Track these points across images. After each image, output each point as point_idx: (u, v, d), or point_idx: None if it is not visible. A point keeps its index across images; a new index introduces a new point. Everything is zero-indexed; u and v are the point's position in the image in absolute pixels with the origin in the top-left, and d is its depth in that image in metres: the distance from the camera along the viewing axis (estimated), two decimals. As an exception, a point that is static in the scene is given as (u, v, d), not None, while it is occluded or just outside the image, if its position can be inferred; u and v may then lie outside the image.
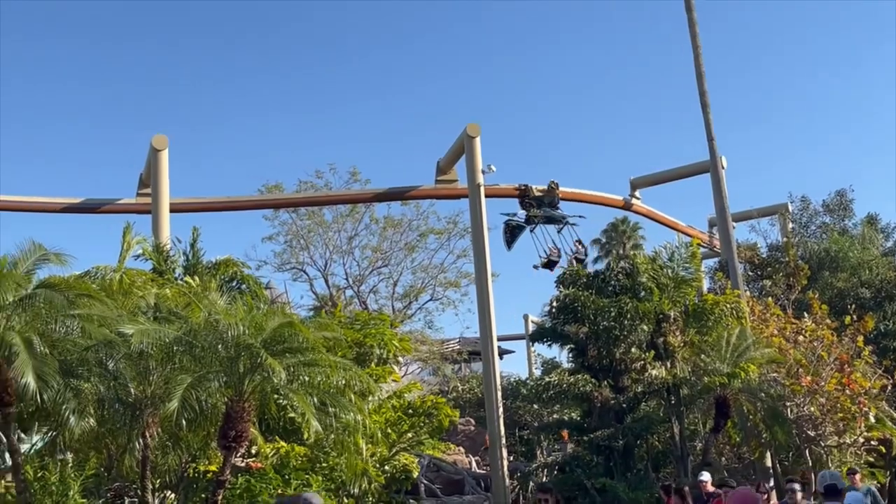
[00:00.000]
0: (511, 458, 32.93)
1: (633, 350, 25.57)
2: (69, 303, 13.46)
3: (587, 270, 28.96)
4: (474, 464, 37.63)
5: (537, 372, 46.37)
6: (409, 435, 19.52)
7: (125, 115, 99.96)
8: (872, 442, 24.13)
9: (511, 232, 35.87)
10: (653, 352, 25.16)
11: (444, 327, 68.92)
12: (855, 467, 18.48)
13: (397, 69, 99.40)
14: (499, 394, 29.78)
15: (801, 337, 25.89)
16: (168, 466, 14.92)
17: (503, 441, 29.61)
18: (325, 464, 15.87)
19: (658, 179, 40.32)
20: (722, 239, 33.05)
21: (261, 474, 14.51)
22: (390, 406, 19.43)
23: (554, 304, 27.42)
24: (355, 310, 38.56)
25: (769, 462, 25.71)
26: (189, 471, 16.32)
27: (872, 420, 23.97)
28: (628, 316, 24.93)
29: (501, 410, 29.68)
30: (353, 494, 15.40)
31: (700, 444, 26.00)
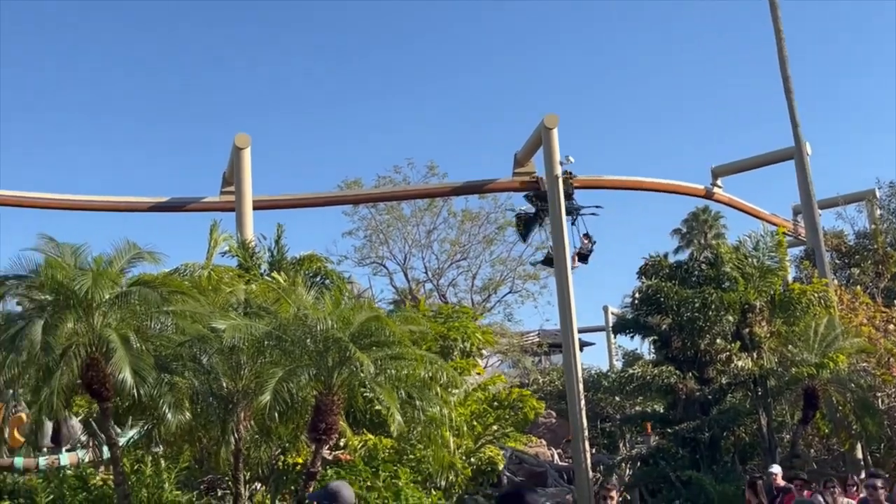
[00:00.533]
0: (594, 451, 32.77)
1: (718, 341, 25.27)
2: (162, 299, 13.80)
3: (668, 261, 28.65)
4: (556, 456, 37.55)
5: (618, 364, 46.03)
6: (495, 427, 19.58)
7: (209, 115, 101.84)
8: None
9: (525, 225, 35.99)
10: (738, 342, 24.83)
11: (524, 319, 68.89)
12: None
13: (473, 61, 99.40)
14: (580, 386, 29.65)
15: (892, 326, 25.31)
16: (259, 459, 15.20)
17: (585, 433, 29.49)
18: (413, 456, 16.00)
19: (740, 167, 39.61)
20: (808, 227, 32.40)
21: (350, 466, 14.70)
22: (475, 398, 19.52)
23: (636, 296, 27.23)
24: (435, 303, 38.75)
25: (860, 454, 25.17)
26: (279, 463, 16.60)
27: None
28: (713, 306, 24.63)
29: (583, 403, 29.56)
30: (441, 486, 15.51)
31: (788, 436, 25.59)
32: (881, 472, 12.95)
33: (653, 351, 29.89)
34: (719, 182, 39.18)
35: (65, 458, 18.00)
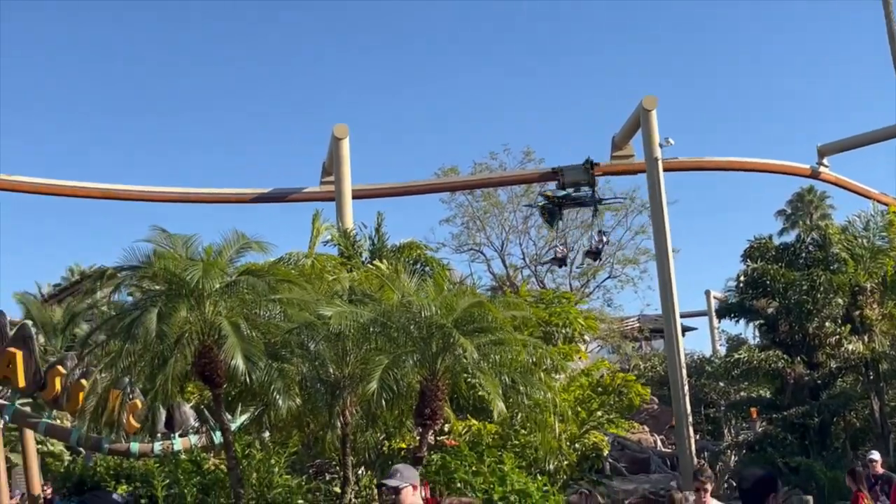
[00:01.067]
0: (697, 437, 32.32)
1: (827, 324, 24.66)
2: (270, 288, 14.07)
3: (774, 243, 28.02)
4: (659, 442, 37.16)
5: (722, 349, 45.23)
6: (599, 413, 19.47)
7: (308, 105, 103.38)
8: None
9: (549, 214, 35.77)
10: (848, 325, 24.18)
11: (624, 305, 68.00)
12: None
13: (568, 45, 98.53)
14: (683, 371, 29.30)
15: None
16: (366, 443, 15.41)
17: (689, 419, 29.13)
18: (517, 441, 16.03)
19: (847, 145, 38.39)
20: (920, 205, 31.28)
21: (455, 451, 14.80)
22: (579, 384, 19.44)
23: (741, 279, 26.77)
24: (533, 289, 38.68)
25: (981, 440, 24.30)
26: (384, 448, 16.81)
27: None
28: (821, 289, 24.03)
29: (687, 388, 29.18)
30: (546, 472, 15.51)
31: (902, 421, 24.85)
32: None
33: (758, 335, 29.36)
34: (825, 161, 38.06)
35: (178, 444, 18.55)
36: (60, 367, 18.09)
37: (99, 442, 18.32)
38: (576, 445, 18.62)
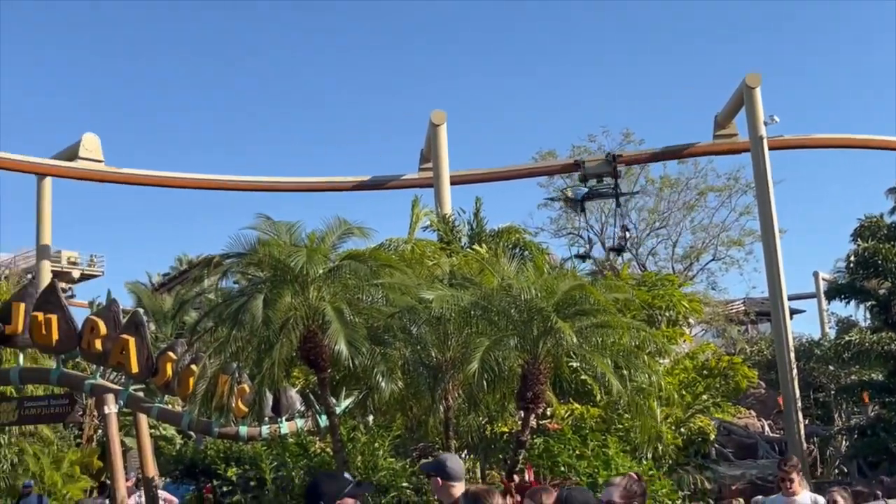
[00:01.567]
0: (806, 422, 31.57)
1: (944, 304, 23.76)
2: (372, 273, 14.22)
3: (886, 222, 27.07)
4: (767, 427, 36.45)
5: (831, 331, 44.02)
6: (705, 397, 19.13)
7: (405, 93, 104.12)
8: None
9: (572, 205, 35.53)
10: (965, 305, 23.26)
11: (728, 287, 66.67)
12: None
13: (669, 22, 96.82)
14: (791, 355, 28.65)
15: None
16: (468, 427, 15.45)
17: (798, 404, 28.47)
18: (620, 425, 15.88)
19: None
20: None
21: (558, 435, 14.74)
22: (683, 367, 19.12)
23: (851, 260, 26.00)
24: (634, 273, 38.25)
25: None
26: (486, 431, 16.84)
27: None
28: (937, 268, 23.14)
29: (795, 372, 28.51)
30: (650, 456, 15.33)
31: None
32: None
33: (869, 317, 28.53)
34: (943, 135, 36.59)
35: (285, 427, 18.93)
36: (171, 353, 18.62)
37: (209, 426, 18.82)
38: (681, 430, 18.35)
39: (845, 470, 29.62)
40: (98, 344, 18.26)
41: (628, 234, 36.56)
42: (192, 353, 17.96)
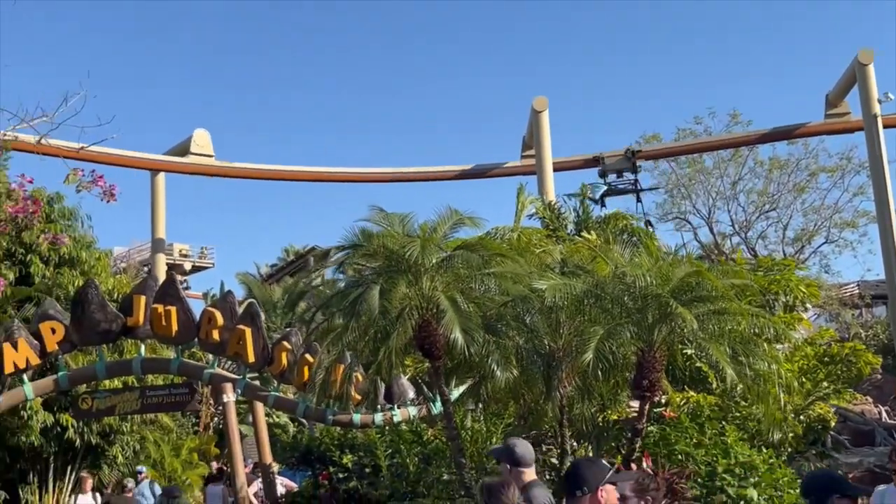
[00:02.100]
0: (927, 408, 30.50)
1: None
2: (484, 262, 14.30)
3: None
4: (884, 414, 35.31)
5: (952, 315, 42.38)
6: (825, 384, 18.64)
7: (505, 81, 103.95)
8: None
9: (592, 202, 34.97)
10: None
11: (842, 271, 64.85)
12: None
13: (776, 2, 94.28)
14: (912, 339, 27.66)
15: None
16: (582, 415, 15.38)
17: (918, 389, 27.50)
18: (738, 413, 15.59)
19: None
20: None
21: (674, 423, 14.54)
22: (802, 354, 18.67)
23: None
24: (744, 258, 37.51)
25: None
26: (599, 420, 16.74)
27: None
28: None
29: (916, 356, 27.55)
30: (770, 444, 15.01)
31: None
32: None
33: None
34: None
35: (398, 415, 19.17)
36: (286, 343, 19.00)
37: (323, 413, 19.18)
38: (800, 417, 17.93)
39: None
40: (216, 334, 18.76)
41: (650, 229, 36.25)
42: (307, 343, 18.34)
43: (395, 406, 19.36)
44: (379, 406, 19.06)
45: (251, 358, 18.66)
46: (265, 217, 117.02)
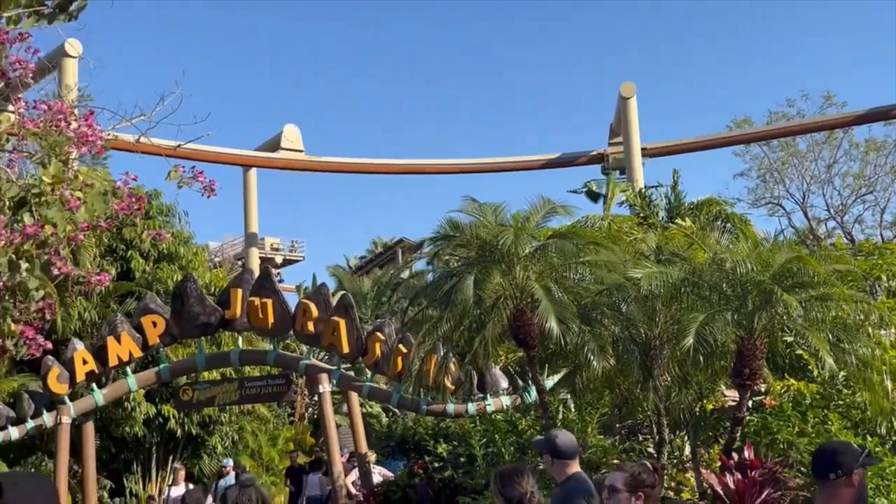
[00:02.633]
0: None
1: None
2: (577, 251, 14.21)
3: None
4: None
5: None
6: (937, 371, 18.01)
7: (590, 68, 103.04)
8: None
9: (595, 199, 34.20)
10: None
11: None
12: None
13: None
14: None
15: None
16: (679, 404, 15.20)
17: None
18: (841, 402, 15.20)
19: None
20: None
21: (776, 412, 14.26)
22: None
23: None
24: (839, 243, 36.53)
25: None
26: (696, 409, 16.50)
27: None
28: None
29: None
30: (878, 433, 14.59)
31: None
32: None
33: None
34: None
35: (491, 404, 19.17)
36: (379, 334, 19.14)
37: (417, 403, 19.29)
38: (907, 405, 17.36)
39: None
40: (311, 326, 19.03)
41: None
42: (399, 333, 18.48)
43: (488, 395, 19.37)
44: (472, 396, 19.08)
45: (346, 349, 18.86)
46: (353, 210, 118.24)
